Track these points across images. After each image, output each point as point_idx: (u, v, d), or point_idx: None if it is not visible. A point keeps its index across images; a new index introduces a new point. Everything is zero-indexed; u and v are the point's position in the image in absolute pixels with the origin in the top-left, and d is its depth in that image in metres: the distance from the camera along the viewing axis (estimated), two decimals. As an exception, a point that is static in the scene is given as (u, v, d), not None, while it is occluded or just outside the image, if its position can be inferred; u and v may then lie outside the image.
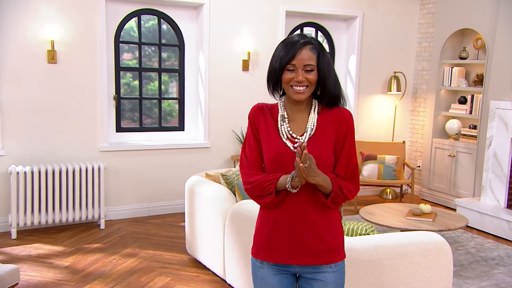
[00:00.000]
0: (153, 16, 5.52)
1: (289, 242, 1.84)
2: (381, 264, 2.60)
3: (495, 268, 4.23)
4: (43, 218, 4.74)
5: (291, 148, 1.84)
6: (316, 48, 1.83)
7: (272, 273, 1.90)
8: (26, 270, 3.86)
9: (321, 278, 1.86)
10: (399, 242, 2.70)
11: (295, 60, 1.79)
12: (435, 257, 2.77)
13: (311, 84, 1.82)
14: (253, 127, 1.93)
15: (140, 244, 4.49)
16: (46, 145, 4.92)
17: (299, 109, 1.90)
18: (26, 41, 4.74)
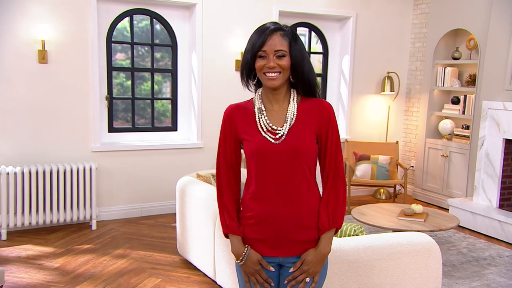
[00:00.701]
0: (146, 16, 5.49)
1: (272, 235, 1.84)
2: (369, 265, 2.58)
3: (486, 268, 4.21)
4: (34, 219, 4.70)
5: (272, 141, 1.81)
6: (288, 35, 1.80)
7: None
8: (15, 271, 3.82)
9: None
10: (387, 243, 2.67)
11: (266, 46, 1.76)
12: (424, 258, 2.75)
13: (284, 70, 1.78)
14: (229, 128, 1.91)
15: (132, 245, 4.46)
16: (37, 146, 4.88)
17: (277, 99, 1.87)
18: (16, 41, 4.70)
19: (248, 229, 1.88)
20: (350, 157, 6.42)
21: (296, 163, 1.81)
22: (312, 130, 1.84)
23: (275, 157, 1.80)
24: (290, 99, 1.87)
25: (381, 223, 4.15)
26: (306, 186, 1.84)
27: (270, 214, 1.83)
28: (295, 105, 1.86)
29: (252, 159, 1.84)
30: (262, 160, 1.82)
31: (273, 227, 1.83)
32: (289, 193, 1.82)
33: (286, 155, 1.80)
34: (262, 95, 1.90)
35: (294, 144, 1.80)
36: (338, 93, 6.68)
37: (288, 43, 1.79)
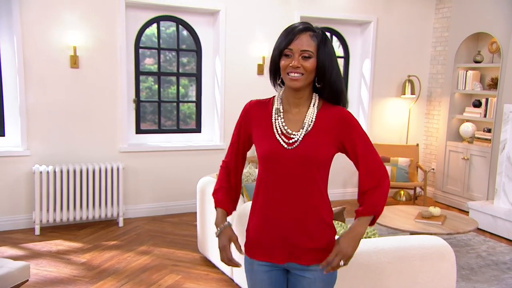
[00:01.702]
0: (172, 22, 5.52)
1: (278, 241, 1.76)
2: (380, 268, 2.51)
3: (506, 272, 4.07)
4: (65, 215, 4.78)
5: (284, 146, 1.72)
6: (317, 36, 1.70)
7: (262, 270, 1.82)
8: (45, 265, 3.89)
9: (309, 276, 1.77)
10: (399, 246, 2.60)
11: (292, 45, 1.67)
12: (437, 262, 2.66)
13: (307, 72, 1.68)
14: (245, 123, 1.85)
15: (155, 242, 4.49)
16: (69, 146, 4.97)
17: (297, 103, 1.76)
18: (50, 47, 4.79)
19: (254, 233, 1.82)
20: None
21: (308, 171, 1.71)
22: (329, 140, 1.74)
23: (286, 162, 1.71)
24: (310, 104, 1.76)
25: (398, 225, 4.05)
26: (316, 196, 1.74)
27: (278, 221, 1.75)
28: (315, 111, 1.75)
29: (262, 162, 1.77)
30: (272, 164, 1.74)
31: (280, 234, 1.75)
32: (298, 201, 1.73)
33: (297, 162, 1.71)
34: (283, 96, 1.80)
35: (308, 151, 1.70)
36: (359, 97, 6.58)
37: (316, 44, 1.69)
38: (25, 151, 4.79)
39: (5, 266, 2.68)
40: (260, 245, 1.80)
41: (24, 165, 4.80)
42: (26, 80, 4.74)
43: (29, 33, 4.69)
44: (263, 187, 1.78)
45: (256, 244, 1.82)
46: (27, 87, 4.76)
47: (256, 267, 1.83)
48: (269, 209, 1.76)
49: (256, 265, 1.83)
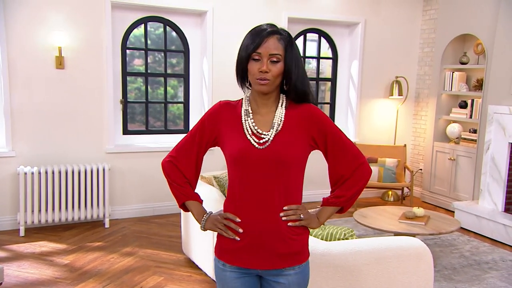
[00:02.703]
0: (160, 23, 5.48)
1: (252, 246, 1.70)
2: (357, 270, 2.49)
3: (487, 272, 4.06)
4: (50, 216, 4.73)
5: (256, 145, 1.67)
6: (284, 39, 1.67)
7: (234, 276, 1.76)
8: (27, 267, 3.84)
9: (283, 281, 1.72)
10: (376, 247, 2.58)
11: (261, 49, 1.63)
12: (414, 263, 2.64)
13: (275, 76, 1.65)
14: (212, 123, 1.77)
15: (140, 243, 4.45)
16: (54, 147, 4.92)
17: (265, 104, 1.73)
18: (35, 48, 4.74)
19: (227, 238, 1.74)
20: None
21: (281, 171, 1.67)
22: (301, 138, 1.71)
23: (258, 163, 1.66)
24: (278, 105, 1.73)
25: (382, 225, 4.03)
26: (290, 196, 1.70)
27: (250, 223, 1.69)
28: (283, 111, 1.72)
29: (233, 163, 1.71)
30: (244, 165, 1.68)
31: (252, 237, 1.69)
32: (272, 203, 1.68)
33: (269, 162, 1.66)
34: (251, 97, 1.76)
35: (279, 150, 1.66)
36: (347, 97, 6.57)
37: (284, 47, 1.66)
38: (10, 152, 4.74)
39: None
40: (232, 250, 1.73)
41: (9, 166, 4.75)
42: (11, 81, 4.70)
43: (13, 34, 4.65)
44: (236, 189, 1.72)
45: (228, 248, 1.74)
46: (12, 88, 4.71)
47: (228, 273, 1.76)
48: (242, 212, 1.71)
49: (228, 271, 1.76)
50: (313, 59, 6.45)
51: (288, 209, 1.70)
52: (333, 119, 6.59)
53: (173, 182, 1.82)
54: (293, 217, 1.70)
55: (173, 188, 1.83)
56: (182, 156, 1.82)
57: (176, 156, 1.83)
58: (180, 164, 1.82)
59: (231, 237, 1.72)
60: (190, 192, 1.83)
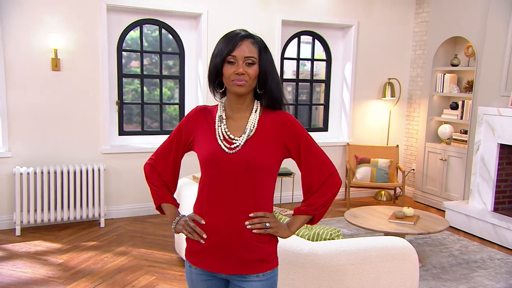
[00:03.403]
0: (155, 25, 5.47)
1: (218, 251, 1.67)
2: (342, 270, 2.47)
3: (475, 271, 4.04)
4: (46, 216, 4.72)
5: (225, 149, 1.66)
6: (258, 43, 1.67)
7: (200, 278, 1.74)
8: (21, 266, 3.83)
9: (247, 287, 1.68)
10: (361, 247, 2.56)
11: (236, 52, 1.62)
12: (399, 262, 2.63)
13: (251, 78, 1.64)
14: (188, 127, 1.77)
15: (134, 243, 4.43)
16: (50, 148, 4.91)
17: (239, 109, 1.71)
18: (31, 50, 4.73)
19: (195, 241, 1.70)
20: (351, 160, 6.29)
21: (250, 176, 1.64)
22: (273, 145, 1.69)
23: (227, 167, 1.64)
24: (252, 110, 1.72)
25: (372, 225, 4.02)
26: (258, 203, 1.67)
27: (215, 227, 1.66)
28: (257, 117, 1.70)
29: (203, 167, 1.71)
30: (213, 169, 1.67)
31: (217, 241, 1.66)
32: (240, 208, 1.65)
33: (239, 167, 1.64)
34: (226, 103, 1.75)
35: (249, 156, 1.64)
36: (341, 99, 6.55)
37: (258, 51, 1.65)
38: (6, 152, 4.73)
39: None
40: (199, 253, 1.70)
41: (5, 166, 4.74)
42: (7, 82, 4.68)
43: (9, 36, 4.63)
44: (206, 193, 1.69)
45: (195, 251, 1.72)
46: (8, 90, 4.70)
47: (194, 275, 1.75)
48: (208, 215, 1.68)
49: (195, 273, 1.74)
50: (307, 61, 6.44)
51: (254, 217, 1.67)
52: (327, 120, 6.58)
53: (151, 184, 1.83)
54: (258, 225, 1.66)
55: (151, 190, 1.83)
56: (161, 159, 1.82)
57: (155, 159, 1.84)
58: (158, 167, 1.82)
59: (196, 239, 1.70)
60: (166, 194, 1.83)
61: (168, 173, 1.82)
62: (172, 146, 1.81)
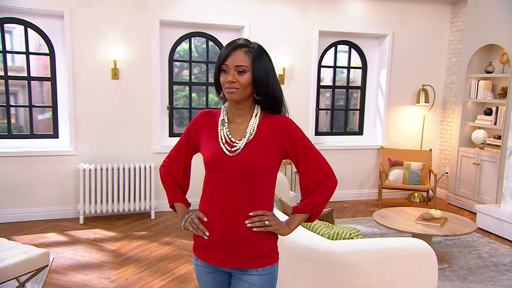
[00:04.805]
0: (203, 38, 5.55)
1: (220, 247, 1.66)
2: (359, 268, 2.39)
3: (503, 274, 3.80)
4: (105, 207, 4.90)
5: (226, 152, 1.64)
6: (252, 52, 1.62)
7: (205, 271, 1.74)
8: (81, 251, 4.00)
9: (248, 280, 1.66)
10: (379, 247, 2.46)
11: (228, 61, 1.60)
12: (417, 263, 2.51)
13: (242, 86, 1.61)
14: (195, 130, 1.76)
15: (179, 234, 4.51)
16: (109, 147, 5.10)
17: (240, 113, 1.69)
18: (94, 61, 4.94)
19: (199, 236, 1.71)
20: (385, 163, 6.10)
21: (250, 178, 1.62)
22: (272, 148, 1.65)
23: (228, 169, 1.63)
24: (252, 115, 1.69)
25: (399, 226, 3.87)
26: (258, 202, 1.65)
27: (217, 224, 1.65)
28: (257, 121, 1.67)
29: (206, 167, 1.69)
30: (215, 170, 1.66)
31: (218, 237, 1.65)
32: (240, 207, 1.63)
33: (239, 169, 1.62)
34: (228, 108, 1.73)
35: (249, 158, 1.62)
36: (376, 104, 6.37)
37: (251, 60, 1.61)
38: (73, 151, 4.96)
39: (28, 252, 2.76)
40: (204, 248, 1.71)
41: (72, 163, 4.97)
42: (75, 90, 4.91)
43: (77, 50, 4.86)
44: (209, 193, 1.69)
45: (200, 246, 1.72)
46: (75, 96, 4.92)
47: (200, 268, 1.75)
48: (213, 214, 1.67)
49: (200, 266, 1.75)
50: (344, 69, 6.30)
51: (254, 215, 1.64)
52: (362, 125, 6.42)
53: (165, 185, 1.85)
54: (258, 224, 1.64)
55: (165, 190, 1.85)
56: (173, 161, 1.83)
57: (168, 162, 1.85)
58: (171, 169, 1.83)
59: (200, 235, 1.70)
60: (178, 195, 1.84)
61: (180, 174, 1.83)
62: (182, 148, 1.81)
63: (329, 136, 6.27)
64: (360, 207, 5.80)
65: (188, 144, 1.80)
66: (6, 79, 4.86)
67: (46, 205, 4.95)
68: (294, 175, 5.78)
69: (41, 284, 3.32)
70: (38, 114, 5.12)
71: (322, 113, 6.25)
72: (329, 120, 6.30)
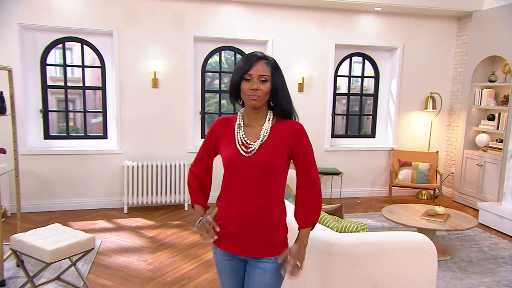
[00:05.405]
0: (231, 51, 5.59)
1: (237, 237, 1.68)
2: (364, 259, 2.35)
3: (502, 266, 3.66)
4: (145, 199, 5.00)
5: (243, 153, 1.65)
6: (271, 64, 1.65)
7: (223, 258, 1.75)
8: (124, 237, 4.09)
9: (261, 267, 1.67)
10: (383, 240, 2.42)
11: (252, 71, 1.62)
12: (418, 255, 2.45)
13: (264, 93, 1.63)
14: (214, 135, 1.77)
15: (208, 224, 4.55)
16: (150, 147, 5.20)
17: (255, 118, 1.70)
18: (137, 72, 5.05)
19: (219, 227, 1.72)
20: (395, 163, 5.97)
21: (263, 175, 1.63)
22: (282, 148, 1.65)
23: (244, 168, 1.64)
24: (266, 119, 1.69)
25: (404, 221, 3.78)
26: (270, 198, 1.66)
27: (237, 219, 1.66)
28: (270, 125, 1.68)
29: (225, 168, 1.70)
30: (233, 170, 1.67)
31: (235, 228, 1.67)
32: (254, 202, 1.64)
33: (254, 168, 1.63)
34: (244, 113, 1.74)
35: (262, 158, 1.62)
36: (387, 110, 6.25)
37: (270, 70, 1.64)
38: (119, 150, 5.08)
39: (78, 236, 2.85)
40: (222, 238, 1.72)
41: (118, 161, 5.09)
42: (121, 98, 5.04)
43: (124, 63, 4.98)
44: (228, 189, 1.70)
45: (220, 236, 1.72)
46: (121, 103, 5.05)
47: (219, 256, 1.77)
48: (231, 208, 1.69)
49: (219, 254, 1.76)
50: (358, 78, 6.21)
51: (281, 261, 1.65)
52: (375, 128, 6.30)
53: (189, 187, 1.86)
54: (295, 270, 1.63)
55: (189, 192, 1.87)
56: (198, 165, 1.84)
57: (194, 165, 1.86)
58: (197, 171, 1.84)
59: (207, 241, 1.72)
60: (199, 198, 1.84)
61: (203, 175, 1.85)
62: (204, 152, 1.83)
63: (345, 138, 6.19)
64: (372, 203, 5.70)
65: (209, 148, 1.81)
66: (66, 88, 5.04)
67: (96, 196, 5.10)
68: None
69: (90, 264, 3.43)
70: (91, 118, 5.28)
71: (338, 118, 6.18)
72: (345, 124, 6.22)
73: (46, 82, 4.98)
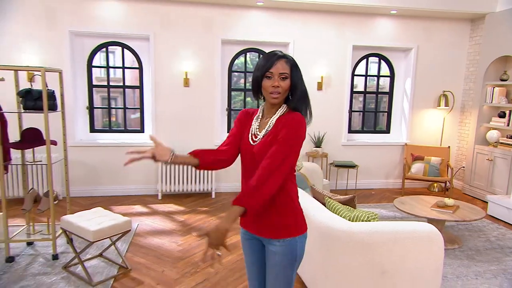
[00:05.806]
0: (255, 52, 5.60)
1: (254, 218, 1.69)
2: (374, 246, 2.35)
3: (508, 255, 3.56)
4: (177, 187, 5.12)
5: (251, 142, 1.67)
6: (290, 62, 1.63)
7: (245, 237, 1.79)
8: (158, 221, 4.22)
9: (271, 249, 1.67)
10: (392, 229, 2.40)
11: (273, 69, 1.60)
12: (426, 243, 2.42)
13: (284, 90, 1.61)
14: (239, 124, 1.77)
15: (233, 210, 4.61)
16: (181, 140, 5.30)
17: (271, 111, 1.68)
18: (171, 73, 5.15)
19: None
20: (408, 157, 5.86)
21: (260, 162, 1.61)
22: (274, 138, 1.62)
23: (251, 156, 1.66)
24: (277, 112, 1.66)
25: (415, 211, 3.72)
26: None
27: None
28: (276, 117, 1.65)
29: (240, 154, 1.74)
30: (243, 157, 1.71)
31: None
32: None
33: (257, 155, 1.63)
34: (264, 106, 1.73)
35: (260, 147, 1.62)
36: (402, 108, 6.12)
37: (290, 68, 1.61)
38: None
39: (117, 219, 2.96)
40: (246, 219, 1.74)
41: (153, 152, 5.21)
42: (156, 96, 5.15)
43: (159, 64, 5.09)
44: (243, 174, 1.74)
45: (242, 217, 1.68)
46: (156, 100, 5.17)
47: (242, 234, 1.80)
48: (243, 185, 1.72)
49: (242, 232, 1.80)
50: (374, 77, 6.11)
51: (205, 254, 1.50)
52: (389, 125, 6.19)
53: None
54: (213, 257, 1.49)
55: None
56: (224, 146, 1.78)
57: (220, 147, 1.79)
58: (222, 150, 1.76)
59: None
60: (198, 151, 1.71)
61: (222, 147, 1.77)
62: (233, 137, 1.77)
63: (361, 134, 6.11)
64: (385, 194, 5.63)
65: (237, 132, 1.77)
66: (108, 87, 5.20)
67: (134, 184, 5.26)
68: (329, 166, 5.71)
69: (127, 244, 3.56)
70: (130, 114, 5.43)
71: (355, 115, 6.11)
72: (361, 120, 6.14)
73: (92, 82, 5.15)
